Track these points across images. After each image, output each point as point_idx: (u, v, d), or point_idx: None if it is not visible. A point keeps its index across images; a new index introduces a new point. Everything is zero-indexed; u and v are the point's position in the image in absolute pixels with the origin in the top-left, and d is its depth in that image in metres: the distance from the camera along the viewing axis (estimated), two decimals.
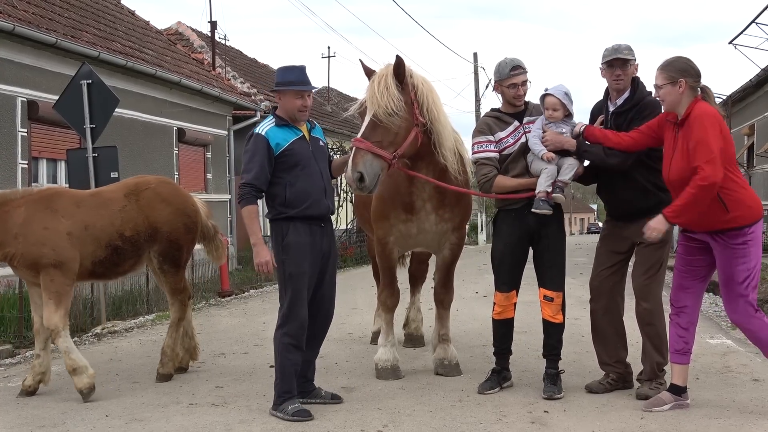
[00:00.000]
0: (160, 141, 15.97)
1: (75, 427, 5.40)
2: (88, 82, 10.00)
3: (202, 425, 5.35)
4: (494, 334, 6.15)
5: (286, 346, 5.52)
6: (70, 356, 6.17)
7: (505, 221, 6.03)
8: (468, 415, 5.43)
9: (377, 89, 5.71)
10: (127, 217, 6.56)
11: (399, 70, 5.79)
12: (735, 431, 4.96)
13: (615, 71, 5.73)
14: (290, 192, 5.53)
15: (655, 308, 5.84)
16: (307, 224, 5.58)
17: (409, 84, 5.88)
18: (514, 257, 5.98)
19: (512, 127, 5.99)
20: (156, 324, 10.26)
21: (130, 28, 16.95)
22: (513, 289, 6.01)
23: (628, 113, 5.74)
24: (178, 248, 6.88)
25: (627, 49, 5.75)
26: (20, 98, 11.82)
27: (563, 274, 6.03)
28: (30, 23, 11.95)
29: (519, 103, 6.04)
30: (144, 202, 6.69)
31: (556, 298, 5.91)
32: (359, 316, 10.29)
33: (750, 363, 6.94)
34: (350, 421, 5.33)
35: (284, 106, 5.69)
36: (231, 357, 7.84)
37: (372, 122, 5.68)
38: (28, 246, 6.10)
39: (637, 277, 5.86)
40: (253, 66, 28.12)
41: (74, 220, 6.31)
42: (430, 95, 6.02)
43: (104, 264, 6.51)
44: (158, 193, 6.83)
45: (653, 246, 5.79)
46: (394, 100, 5.68)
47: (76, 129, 10.33)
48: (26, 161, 11.93)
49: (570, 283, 6.26)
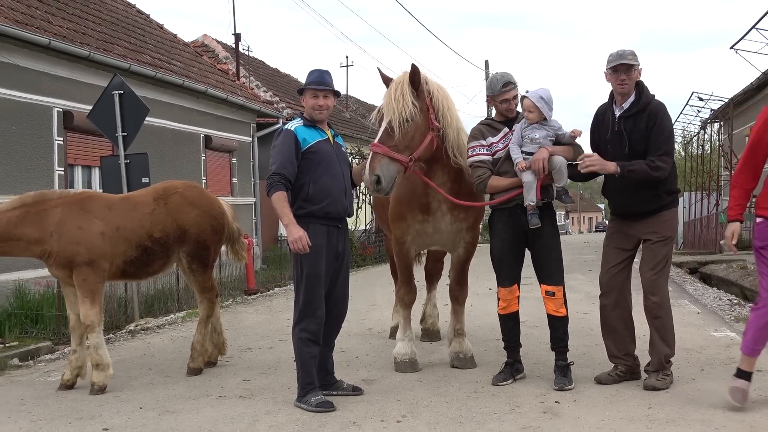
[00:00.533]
0: (188, 147, 16.04)
1: (111, 418, 5.44)
2: (119, 93, 10.06)
3: (231, 416, 5.37)
4: (502, 329, 6.15)
5: (304, 341, 5.53)
6: (97, 351, 6.24)
7: (500, 220, 6.05)
8: (483, 406, 5.42)
9: (393, 96, 5.74)
10: (156, 219, 6.63)
11: (414, 77, 5.81)
12: (739, 419, 4.92)
13: (620, 76, 5.70)
14: (313, 188, 5.54)
15: (663, 302, 5.82)
16: (325, 225, 5.58)
17: (425, 90, 5.91)
18: (511, 253, 5.99)
19: (502, 133, 6.03)
20: (186, 321, 10.30)
21: (159, 41, 17.03)
22: (514, 284, 6.03)
23: (637, 116, 5.71)
24: (206, 249, 6.92)
25: (631, 55, 5.72)
26: (56, 109, 11.91)
27: (561, 268, 6.02)
28: (64, 38, 12.04)
29: (510, 115, 6.10)
30: (172, 206, 6.75)
31: (557, 292, 5.90)
32: (378, 312, 10.30)
33: None
34: (371, 412, 5.34)
35: (305, 106, 5.74)
36: (257, 352, 7.87)
37: (388, 128, 5.71)
38: (64, 244, 6.18)
39: (646, 272, 5.83)
40: (275, 75, 28.20)
41: (106, 222, 6.39)
42: (445, 101, 6.06)
43: (135, 264, 6.57)
44: (185, 196, 6.89)
45: (660, 243, 5.79)
46: (409, 106, 5.71)
47: (108, 137, 10.39)
48: (62, 168, 12.02)
49: (579, 279, 6.25)
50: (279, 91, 24.02)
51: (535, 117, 5.83)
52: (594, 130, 6.04)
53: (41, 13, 12.41)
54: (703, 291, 12.29)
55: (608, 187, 6.02)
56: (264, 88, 23.24)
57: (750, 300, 10.95)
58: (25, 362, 7.90)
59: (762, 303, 5.18)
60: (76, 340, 6.46)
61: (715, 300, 11.08)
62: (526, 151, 5.82)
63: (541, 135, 5.82)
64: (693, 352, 6.94)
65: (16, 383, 6.83)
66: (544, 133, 5.84)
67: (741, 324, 8.72)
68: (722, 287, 12.63)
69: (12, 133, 10.97)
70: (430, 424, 5.03)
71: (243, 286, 13.77)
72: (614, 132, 5.77)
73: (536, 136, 5.82)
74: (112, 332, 9.39)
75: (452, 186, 6.23)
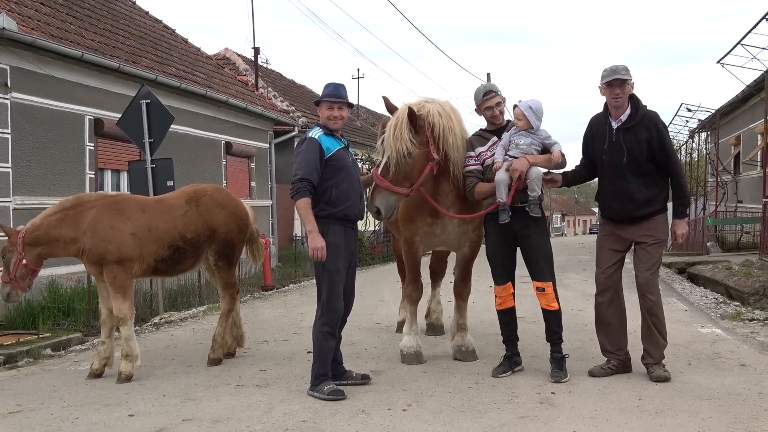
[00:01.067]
0: (210, 153, 16.06)
1: (136, 405, 5.45)
2: (147, 102, 10.08)
3: (248, 404, 5.38)
4: (500, 324, 6.16)
5: (324, 335, 5.54)
6: (128, 343, 6.26)
7: (490, 223, 6.07)
8: (483, 396, 5.41)
9: (392, 134, 5.83)
10: (189, 221, 6.65)
11: (412, 118, 5.85)
12: (724, 410, 4.90)
13: (614, 90, 5.68)
14: (335, 192, 5.56)
15: (658, 300, 5.87)
16: (343, 226, 5.61)
17: (426, 123, 5.93)
18: (503, 253, 6.01)
19: (490, 142, 6.10)
20: (207, 315, 10.32)
21: (183, 54, 17.07)
22: (508, 281, 6.04)
23: (636, 128, 5.69)
24: (232, 247, 6.94)
25: (624, 70, 5.70)
26: (88, 116, 11.95)
27: (551, 265, 6.00)
28: (96, 50, 12.08)
29: (497, 122, 6.14)
30: (203, 208, 6.77)
31: (547, 288, 5.88)
32: (386, 307, 10.29)
33: (737, 350, 6.86)
34: (378, 401, 5.33)
35: (321, 116, 5.75)
36: (273, 344, 7.87)
37: (387, 164, 5.83)
38: (96, 242, 6.21)
39: (642, 272, 5.81)
40: (291, 86, 28.22)
41: (138, 223, 6.40)
42: (448, 127, 6.02)
43: (167, 262, 6.58)
44: (215, 198, 6.92)
45: (656, 245, 5.82)
46: (407, 144, 5.80)
47: (136, 143, 10.41)
48: (93, 172, 12.05)
49: (574, 278, 6.23)
50: (295, 101, 24.03)
51: (523, 125, 5.89)
52: (588, 140, 6.03)
53: (75, 27, 12.46)
54: (691, 290, 12.23)
55: (604, 193, 5.98)
56: (281, 98, 23.25)
57: (734, 298, 10.89)
58: (57, 352, 7.93)
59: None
60: (106, 333, 6.48)
61: (702, 298, 11.02)
62: (511, 155, 5.87)
63: (526, 142, 5.87)
64: (681, 347, 6.90)
65: (49, 372, 6.85)
66: (530, 141, 5.88)
67: (726, 321, 8.68)
68: (708, 286, 12.56)
69: (47, 139, 11.01)
70: (434, 413, 5.02)
71: (260, 283, 13.78)
72: (612, 143, 5.75)
73: (521, 143, 5.87)
74: (138, 325, 9.40)
75: (457, 194, 6.24)
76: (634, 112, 5.73)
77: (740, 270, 12.25)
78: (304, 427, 4.78)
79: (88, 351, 7.94)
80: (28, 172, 10.38)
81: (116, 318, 6.30)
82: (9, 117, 10.24)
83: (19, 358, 7.45)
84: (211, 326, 9.11)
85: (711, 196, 24.90)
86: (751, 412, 4.86)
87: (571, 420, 4.78)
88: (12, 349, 7.65)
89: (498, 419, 4.85)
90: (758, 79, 18.22)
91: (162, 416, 5.14)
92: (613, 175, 5.80)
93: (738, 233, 20.24)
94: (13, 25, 9.90)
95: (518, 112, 5.89)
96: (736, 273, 12.11)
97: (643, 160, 5.68)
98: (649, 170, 5.74)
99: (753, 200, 20.00)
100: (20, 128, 10.44)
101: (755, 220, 17.87)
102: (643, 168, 5.71)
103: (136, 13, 16.83)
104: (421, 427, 4.72)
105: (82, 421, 5.08)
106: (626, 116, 5.73)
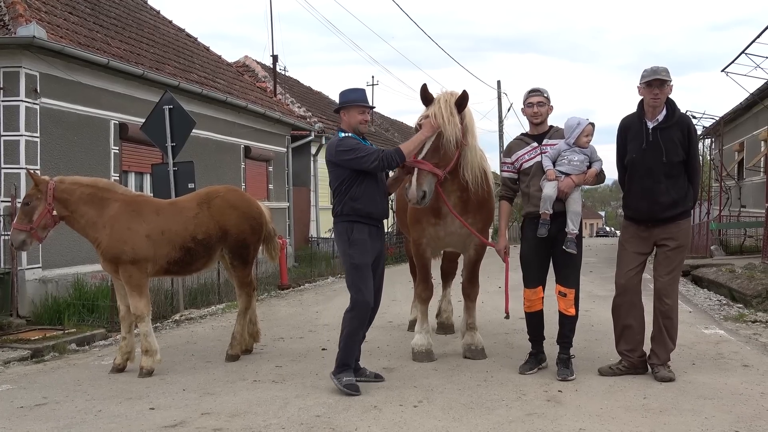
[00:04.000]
0: (230, 157, 16.10)
1: (157, 399, 5.46)
2: (169, 107, 10.12)
3: (264, 399, 5.37)
4: (527, 324, 6.12)
5: (353, 326, 5.54)
6: (147, 339, 6.27)
7: (528, 227, 6.00)
8: (492, 393, 5.38)
9: (446, 117, 5.68)
10: (200, 222, 6.58)
11: (463, 102, 5.82)
12: (727, 410, 4.85)
13: (653, 90, 5.59)
14: (359, 190, 5.55)
15: (675, 304, 5.81)
16: (366, 225, 5.59)
17: (465, 113, 5.91)
18: (538, 258, 5.95)
19: (530, 147, 5.99)
20: (225, 312, 10.33)
21: (205, 62, 17.13)
22: (539, 286, 5.97)
23: (671, 129, 5.63)
24: (246, 247, 6.89)
25: (664, 71, 5.61)
26: (113, 121, 12.01)
27: (578, 274, 5.95)
28: (121, 58, 12.14)
29: (536, 121, 6.01)
30: (215, 209, 6.70)
31: (569, 294, 5.85)
32: (398, 306, 10.27)
33: (740, 350, 6.79)
34: (390, 397, 5.32)
35: (348, 121, 5.69)
36: (289, 341, 7.87)
37: (435, 145, 5.68)
38: (113, 241, 6.21)
39: (662, 276, 5.75)
40: (308, 93, 28.26)
41: (153, 225, 6.37)
42: (471, 123, 6.06)
43: (178, 263, 6.55)
44: (227, 200, 6.84)
45: (678, 249, 5.73)
46: (458, 129, 5.73)
47: (159, 147, 10.46)
48: (118, 174, 12.10)
49: (581, 279, 6.17)
50: (311, 107, 24.07)
51: (587, 142, 5.83)
52: (623, 140, 5.88)
53: (101, 36, 12.52)
54: (695, 292, 12.14)
55: (632, 193, 5.85)
56: (298, 104, 23.29)
57: (737, 300, 10.79)
58: (81, 347, 7.97)
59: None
60: (126, 328, 6.49)
61: (706, 300, 10.94)
62: (560, 170, 5.79)
63: (580, 159, 5.82)
64: (685, 347, 6.84)
65: (74, 366, 6.88)
66: (583, 158, 5.83)
67: (729, 322, 8.60)
68: (712, 289, 12.45)
69: (74, 142, 11.07)
70: (444, 409, 5.00)
71: (277, 282, 13.79)
72: (650, 142, 5.65)
73: (575, 159, 5.81)
74: (159, 321, 9.45)
75: (461, 195, 6.19)
76: (670, 114, 5.66)
77: (743, 273, 12.13)
78: (318, 422, 4.77)
79: (111, 346, 7.96)
80: (55, 173, 10.31)
81: (133, 315, 6.31)
82: (38, 121, 10.31)
83: (45, 352, 7.49)
84: (230, 323, 9.13)
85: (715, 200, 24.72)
86: (754, 411, 4.81)
87: (577, 418, 4.75)
88: (39, 343, 7.69)
89: (506, 416, 4.82)
90: (762, 88, 18.08)
91: (181, 410, 5.15)
92: (644, 174, 5.68)
93: (741, 237, 20.08)
94: (42, 33, 9.97)
95: (590, 129, 5.85)
96: (739, 276, 12.00)
97: (677, 160, 5.62)
98: (679, 172, 5.67)
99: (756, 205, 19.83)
100: (49, 132, 10.51)
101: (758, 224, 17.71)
102: (675, 169, 5.64)
103: (160, 22, 16.90)
104: (431, 423, 4.70)
105: (104, 414, 5.09)
106: (663, 117, 5.66)
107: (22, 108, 10.08)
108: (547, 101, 5.99)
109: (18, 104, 10.06)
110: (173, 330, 8.99)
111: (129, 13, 15.28)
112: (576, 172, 5.78)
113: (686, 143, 5.66)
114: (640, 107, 5.77)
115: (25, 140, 10.11)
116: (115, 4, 14.96)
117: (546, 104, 5.98)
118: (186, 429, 4.71)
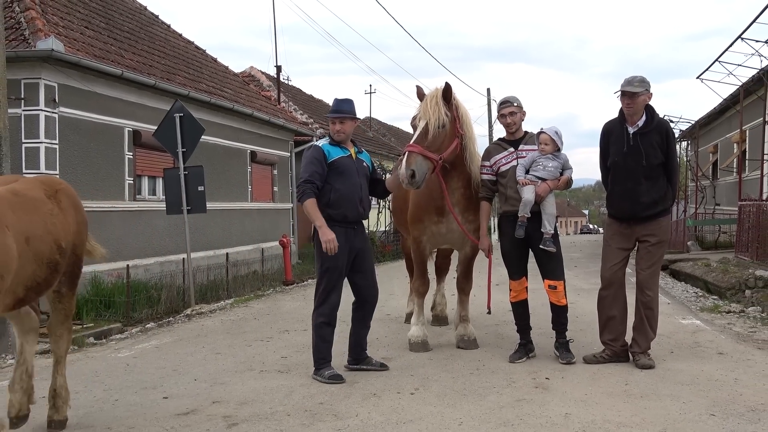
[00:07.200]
0: (237, 161, 16.11)
1: (170, 388, 5.46)
2: (180, 115, 10.13)
3: (271, 388, 5.37)
4: (514, 314, 6.15)
5: (320, 324, 5.56)
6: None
7: (506, 223, 6.03)
8: (483, 381, 5.38)
9: (430, 105, 5.79)
10: (57, 222, 4.20)
11: (447, 93, 5.85)
12: (704, 395, 4.86)
13: (625, 100, 5.63)
14: (334, 195, 5.53)
15: (656, 296, 5.82)
16: (343, 227, 5.55)
17: (453, 104, 5.92)
18: (517, 252, 6.00)
19: (507, 152, 6.03)
20: (234, 307, 10.32)
21: (213, 72, 17.13)
22: (522, 276, 6.02)
23: (650, 134, 5.64)
24: (80, 263, 4.61)
25: (638, 82, 5.61)
26: (127, 128, 12.01)
27: (562, 266, 5.98)
28: (134, 69, 12.14)
29: (510, 130, 6.09)
30: (64, 206, 4.32)
31: (558, 286, 5.87)
32: (396, 300, 10.26)
33: (715, 339, 6.80)
34: (388, 385, 5.32)
35: (330, 129, 5.77)
36: (293, 333, 7.86)
37: (423, 131, 5.72)
38: None
39: (644, 270, 5.76)
40: (310, 101, 28.27)
41: (15, 229, 3.81)
42: (466, 115, 6.12)
43: (35, 290, 4.19)
44: (69, 195, 4.46)
45: (658, 245, 5.75)
46: (442, 115, 5.75)
47: (170, 152, 10.47)
48: (132, 178, 12.11)
49: (566, 274, 6.18)
50: (313, 114, 24.07)
51: (551, 149, 5.86)
52: (606, 144, 5.90)
53: (115, 48, 12.52)
54: (673, 285, 12.14)
55: (615, 193, 5.86)
56: (300, 111, 23.29)
57: (712, 292, 10.82)
58: (98, 341, 7.97)
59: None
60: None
61: (683, 293, 10.94)
62: (536, 175, 5.83)
63: (554, 165, 5.87)
64: (664, 337, 6.84)
65: (91, 358, 6.88)
66: (557, 164, 5.88)
67: (705, 313, 8.61)
68: (689, 282, 12.47)
69: (90, 148, 11.07)
70: (439, 396, 5.00)
71: (281, 278, 13.79)
72: (630, 147, 5.66)
73: (549, 165, 5.85)
74: (172, 316, 9.44)
75: (464, 192, 6.20)
76: (649, 119, 5.67)
77: (718, 267, 12.16)
78: (322, 409, 4.77)
79: (126, 340, 7.96)
80: (74, 178, 10.43)
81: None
82: (57, 129, 10.31)
83: None
84: (238, 317, 9.14)
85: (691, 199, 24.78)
86: (728, 396, 4.82)
87: (563, 403, 4.75)
88: None
89: (497, 402, 4.83)
90: (734, 93, 18.13)
91: (193, 398, 5.15)
92: (626, 176, 5.70)
93: (716, 233, 20.13)
94: (60, 46, 9.97)
95: (545, 137, 5.87)
96: (714, 269, 12.02)
97: (656, 163, 5.63)
98: (658, 173, 5.67)
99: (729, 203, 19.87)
100: (67, 139, 10.51)
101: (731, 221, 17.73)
102: (654, 171, 5.64)
103: (171, 36, 16.90)
104: (427, 409, 4.70)
105: (121, 403, 5.09)
106: (642, 122, 5.67)
107: (42, 117, 10.08)
108: (519, 109, 6.04)
109: (38, 113, 10.06)
110: (185, 324, 8.98)
111: (141, 27, 15.28)
112: (551, 178, 5.85)
113: (665, 146, 5.67)
114: (621, 113, 5.79)
115: (45, 147, 10.11)
116: (128, 18, 14.96)
117: (518, 113, 6.03)
118: (198, 416, 4.71)
